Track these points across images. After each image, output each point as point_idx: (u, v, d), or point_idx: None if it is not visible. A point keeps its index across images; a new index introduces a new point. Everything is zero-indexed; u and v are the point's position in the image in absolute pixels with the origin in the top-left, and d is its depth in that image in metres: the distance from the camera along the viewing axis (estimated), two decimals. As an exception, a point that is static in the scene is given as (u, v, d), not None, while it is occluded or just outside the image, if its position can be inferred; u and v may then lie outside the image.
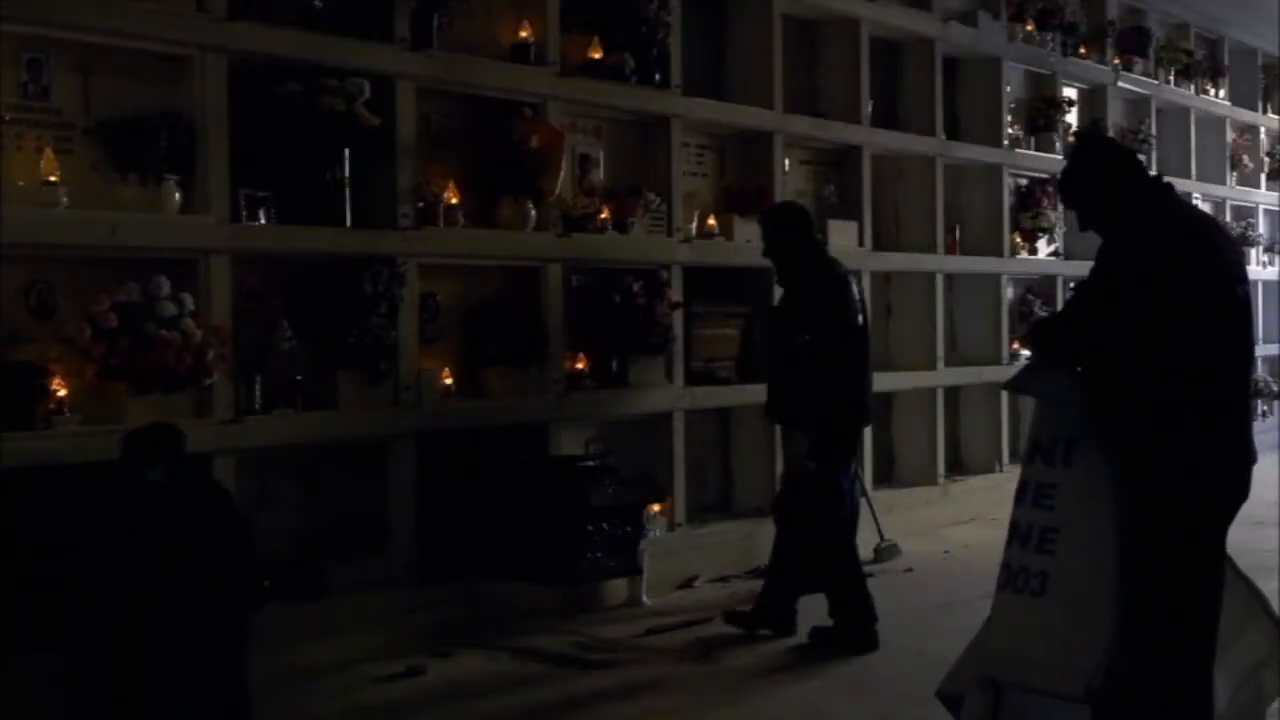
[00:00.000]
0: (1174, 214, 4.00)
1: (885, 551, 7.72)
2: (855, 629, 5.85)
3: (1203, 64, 12.18)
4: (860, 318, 5.99)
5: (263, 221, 5.47)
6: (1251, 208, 13.00)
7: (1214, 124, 12.39)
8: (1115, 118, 11.08)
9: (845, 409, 5.94)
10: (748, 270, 7.29)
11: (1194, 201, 11.99)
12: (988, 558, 7.65)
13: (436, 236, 6.06)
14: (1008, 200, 9.76)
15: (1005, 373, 9.50)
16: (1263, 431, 12.68)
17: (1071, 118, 10.48)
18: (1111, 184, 3.98)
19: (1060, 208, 10.13)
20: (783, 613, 6.02)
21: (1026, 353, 9.33)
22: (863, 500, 7.31)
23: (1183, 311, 3.76)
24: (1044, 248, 10.10)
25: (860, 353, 5.98)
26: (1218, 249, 3.94)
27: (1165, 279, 3.77)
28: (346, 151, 5.70)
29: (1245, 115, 12.89)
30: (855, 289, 6.03)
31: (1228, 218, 12.51)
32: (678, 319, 7.00)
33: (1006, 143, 9.67)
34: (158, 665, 4.10)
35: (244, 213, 5.41)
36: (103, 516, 4.32)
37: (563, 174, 6.49)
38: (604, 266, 6.86)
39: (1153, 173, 4.17)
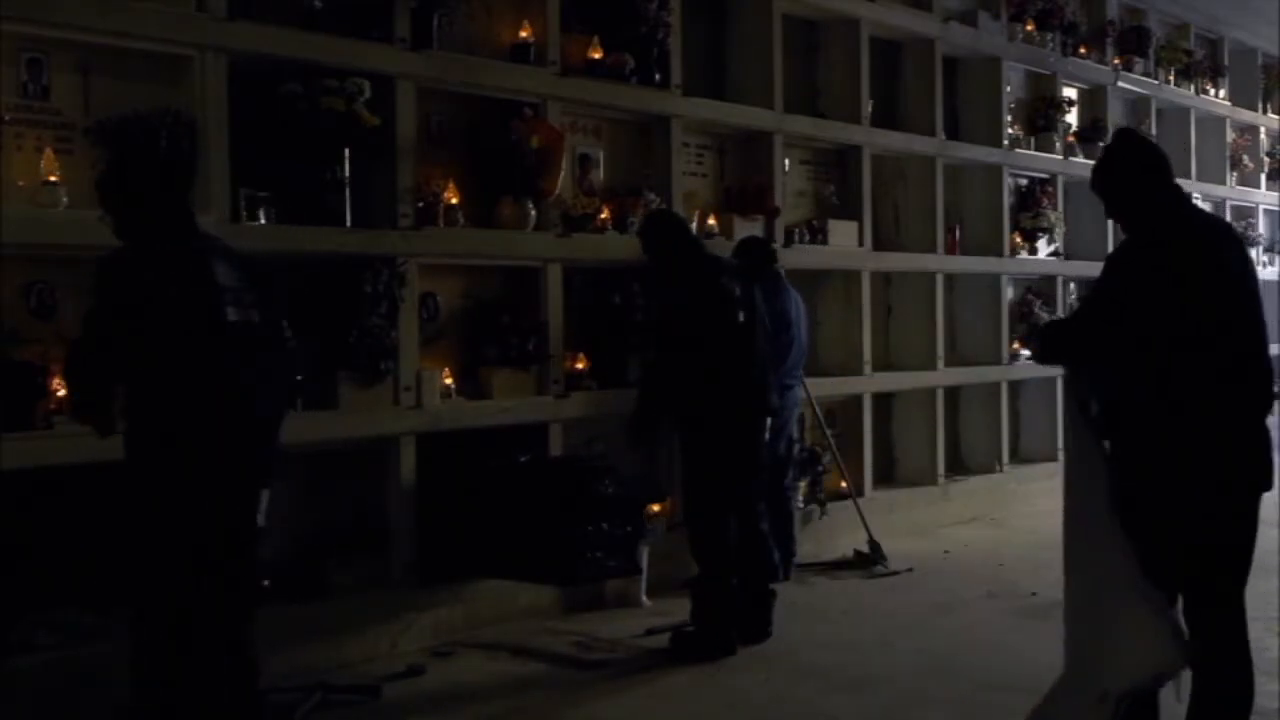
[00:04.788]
0: (1194, 224, 4.10)
1: (864, 558, 7.58)
2: (713, 632, 5.78)
3: (1203, 64, 12.18)
4: (739, 315, 5.88)
5: (263, 221, 5.47)
6: (1251, 208, 13.00)
7: (1214, 124, 12.39)
8: (1115, 118, 11.06)
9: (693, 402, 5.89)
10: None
11: (1194, 202, 12.03)
12: (988, 558, 7.74)
13: (436, 236, 6.06)
14: (1008, 200, 9.76)
15: (1005, 373, 9.53)
16: (1263, 431, 12.71)
17: (1071, 118, 10.48)
18: (1143, 184, 4.05)
19: (1060, 207, 10.17)
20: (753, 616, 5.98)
21: (1026, 353, 9.41)
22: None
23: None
24: (1044, 248, 10.10)
25: (729, 347, 5.86)
26: (1228, 265, 3.99)
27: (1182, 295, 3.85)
28: (346, 151, 5.70)
29: (1245, 115, 12.89)
30: (734, 288, 5.92)
31: (1228, 218, 12.52)
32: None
33: (1006, 143, 9.67)
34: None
35: (244, 213, 5.41)
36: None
37: (563, 174, 6.49)
38: (604, 266, 6.86)
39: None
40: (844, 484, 7.96)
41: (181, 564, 3.88)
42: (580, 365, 6.70)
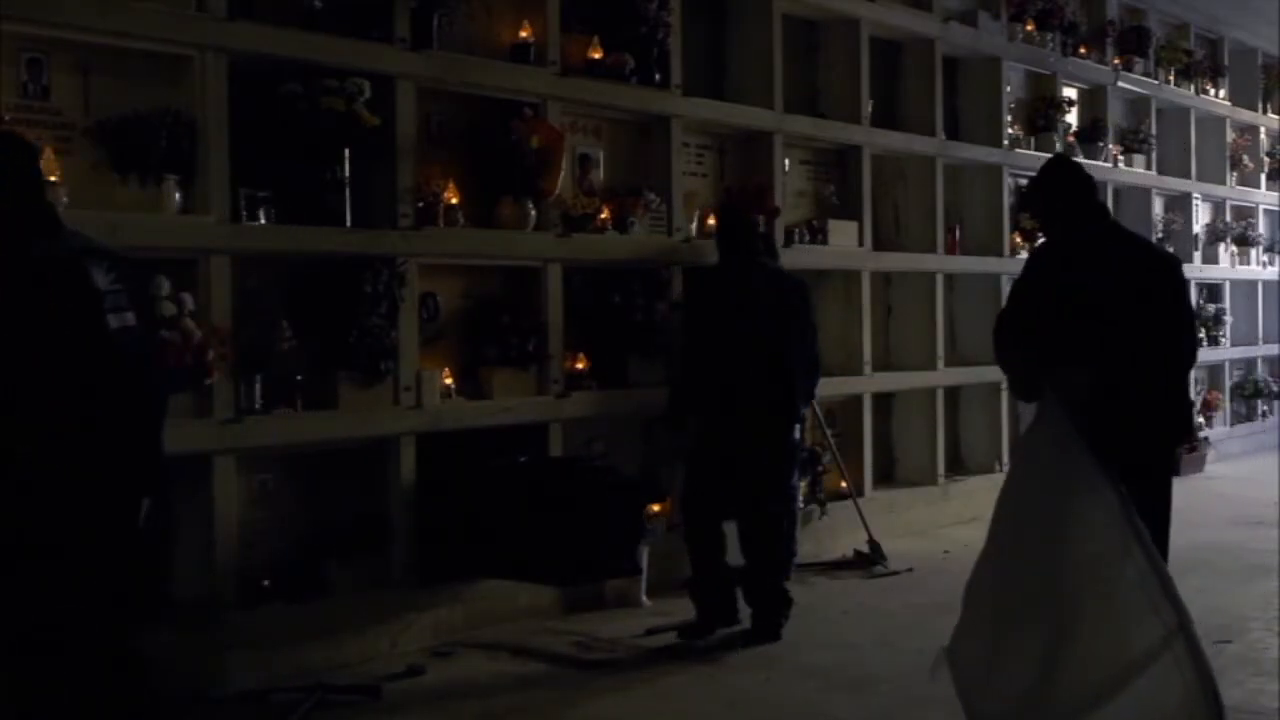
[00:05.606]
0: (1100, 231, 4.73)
1: (864, 558, 7.60)
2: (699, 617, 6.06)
3: (1203, 64, 12.19)
4: (740, 320, 6.08)
5: (263, 221, 5.47)
6: (1251, 208, 13.01)
7: (1214, 124, 12.40)
8: (1115, 118, 11.08)
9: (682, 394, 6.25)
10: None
11: (1193, 202, 12.06)
12: (987, 558, 7.73)
13: (436, 236, 6.06)
14: (1008, 200, 9.76)
15: (1005, 373, 9.52)
16: (1262, 432, 12.75)
17: (1071, 118, 10.48)
18: (1072, 203, 4.71)
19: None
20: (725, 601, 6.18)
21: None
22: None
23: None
24: (1044, 248, 10.09)
25: (723, 349, 6.06)
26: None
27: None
28: (346, 151, 5.70)
29: (1245, 115, 12.90)
30: (745, 294, 6.14)
31: (1228, 218, 12.54)
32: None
33: (1006, 143, 9.67)
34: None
35: (244, 213, 5.41)
36: None
37: (563, 174, 6.50)
38: (604, 266, 6.87)
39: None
40: (844, 484, 7.96)
41: (51, 577, 3.57)
42: (580, 365, 6.70)
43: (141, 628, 3.82)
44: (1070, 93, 10.53)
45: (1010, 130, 9.80)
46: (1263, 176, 13.16)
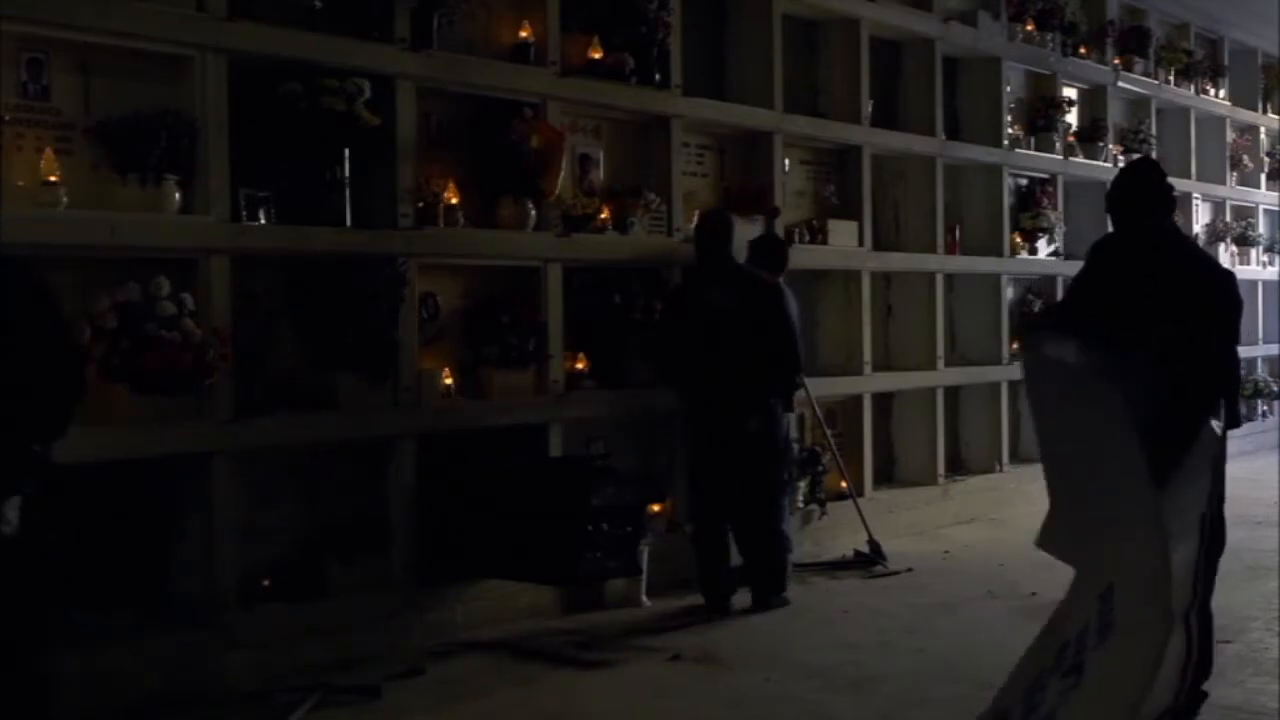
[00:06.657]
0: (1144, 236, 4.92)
1: (864, 558, 7.61)
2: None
3: (1203, 64, 12.18)
4: (706, 326, 6.38)
5: (263, 221, 5.48)
6: (1251, 208, 13.00)
7: (1214, 124, 12.39)
8: (1115, 118, 11.08)
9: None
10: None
11: (1193, 202, 12.06)
12: (988, 558, 7.75)
13: (436, 236, 6.06)
14: (1008, 200, 9.76)
15: (1005, 373, 9.53)
16: (1263, 431, 12.75)
17: (1071, 118, 10.48)
18: (1134, 207, 4.94)
19: (1060, 207, 10.17)
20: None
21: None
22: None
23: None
24: (1044, 248, 10.10)
25: (696, 354, 6.42)
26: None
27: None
28: (346, 151, 5.70)
29: (1245, 115, 12.90)
30: (716, 301, 6.41)
31: (1228, 218, 12.53)
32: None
33: (1006, 143, 9.67)
34: None
35: (244, 213, 5.41)
36: None
37: (563, 174, 6.50)
38: (604, 266, 6.87)
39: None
40: (844, 484, 7.95)
41: None
42: (580, 365, 6.71)
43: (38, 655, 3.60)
44: (1070, 93, 10.53)
45: (1010, 130, 9.80)
46: (1263, 176, 13.15)
